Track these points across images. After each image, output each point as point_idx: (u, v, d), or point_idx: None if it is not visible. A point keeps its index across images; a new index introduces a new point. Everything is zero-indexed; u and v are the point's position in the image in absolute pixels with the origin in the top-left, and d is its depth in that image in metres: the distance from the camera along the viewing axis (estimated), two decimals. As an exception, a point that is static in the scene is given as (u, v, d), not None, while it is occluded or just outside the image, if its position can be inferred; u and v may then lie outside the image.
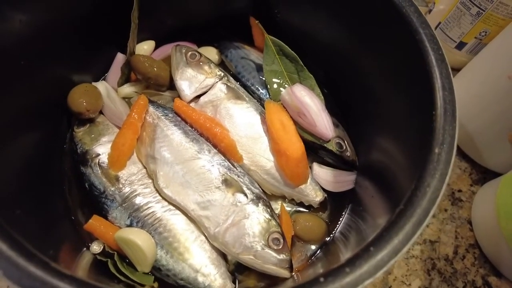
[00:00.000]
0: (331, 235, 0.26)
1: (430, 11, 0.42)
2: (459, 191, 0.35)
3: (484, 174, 0.36)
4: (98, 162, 0.24)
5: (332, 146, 0.27)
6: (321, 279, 0.13)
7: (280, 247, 0.23)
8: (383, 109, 0.24)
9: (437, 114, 0.17)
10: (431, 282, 0.31)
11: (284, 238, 0.23)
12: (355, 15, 0.25)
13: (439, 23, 0.40)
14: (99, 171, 0.24)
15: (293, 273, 0.23)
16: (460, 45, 0.39)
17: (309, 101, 0.26)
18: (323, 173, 0.27)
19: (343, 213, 0.27)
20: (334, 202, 0.28)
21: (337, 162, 0.28)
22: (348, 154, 0.28)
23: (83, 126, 0.26)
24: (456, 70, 0.40)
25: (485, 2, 0.35)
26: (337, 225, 0.27)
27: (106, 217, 0.24)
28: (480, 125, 0.34)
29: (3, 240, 0.13)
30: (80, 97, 0.25)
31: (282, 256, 0.22)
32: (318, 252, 0.26)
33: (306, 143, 0.27)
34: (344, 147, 0.27)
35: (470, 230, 0.33)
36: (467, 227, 0.33)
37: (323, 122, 0.26)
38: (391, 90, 0.23)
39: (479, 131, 0.35)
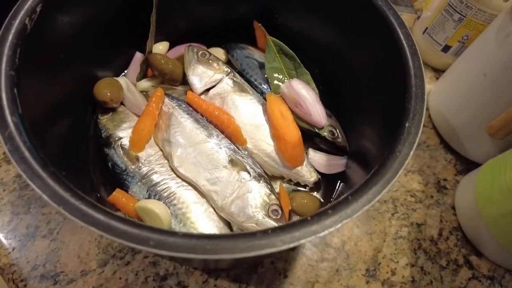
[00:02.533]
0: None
1: (418, 17, 0.46)
2: (445, 180, 0.38)
3: (467, 165, 0.39)
4: (120, 144, 0.28)
5: (325, 133, 0.31)
6: (308, 218, 0.16)
7: (279, 217, 0.26)
8: (368, 99, 0.28)
9: (410, 96, 0.21)
10: (417, 260, 0.34)
11: (282, 210, 0.26)
12: (344, 19, 0.29)
13: (426, 28, 0.44)
14: (121, 152, 0.28)
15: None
16: (446, 48, 0.43)
17: (305, 93, 0.30)
18: (317, 157, 0.31)
19: (335, 191, 0.30)
20: (327, 182, 0.31)
21: (329, 147, 0.31)
22: (340, 141, 0.31)
23: (106, 114, 0.30)
24: (442, 71, 0.44)
25: (466, 9, 0.38)
26: (329, 202, 0.30)
27: (127, 192, 0.27)
28: (463, 120, 0.38)
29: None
30: (105, 88, 0.29)
31: (280, 224, 0.25)
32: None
33: (303, 130, 0.30)
34: (336, 134, 0.31)
35: (453, 215, 0.36)
36: (451, 212, 0.37)
37: (317, 112, 0.30)
38: (375, 82, 0.27)
39: (461, 125, 0.38)
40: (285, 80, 0.32)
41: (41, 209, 0.32)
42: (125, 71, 0.34)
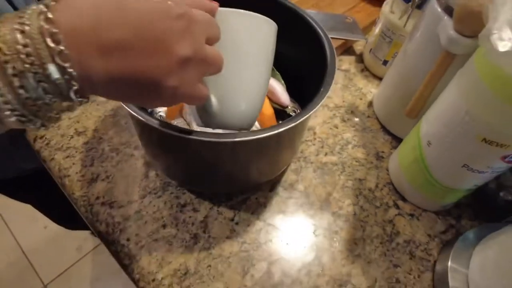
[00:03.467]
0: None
1: (367, 42, 0.63)
2: (382, 152, 0.53)
3: (400, 143, 0.54)
4: (160, 116, 0.44)
5: (289, 111, 0.47)
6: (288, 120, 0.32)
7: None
8: (310, 84, 0.44)
9: (326, 76, 0.37)
10: (358, 202, 0.48)
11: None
12: (297, 39, 0.45)
13: (371, 49, 0.61)
14: (160, 119, 0.44)
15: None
16: (385, 62, 0.60)
17: (276, 85, 0.46)
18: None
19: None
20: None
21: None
22: (301, 117, 0.47)
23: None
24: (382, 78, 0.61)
25: (392, 34, 0.56)
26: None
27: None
28: (392, 107, 0.53)
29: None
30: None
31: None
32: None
33: (275, 109, 0.46)
34: (297, 112, 0.47)
35: (387, 174, 0.51)
36: (385, 172, 0.51)
37: (284, 96, 0.46)
38: (312, 72, 0.43)
39: (391, 112, 0.54)
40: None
41: (101, 163, 0.48)
42: None
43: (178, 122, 0.44)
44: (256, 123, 0.45)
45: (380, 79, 0.62)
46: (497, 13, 0.26)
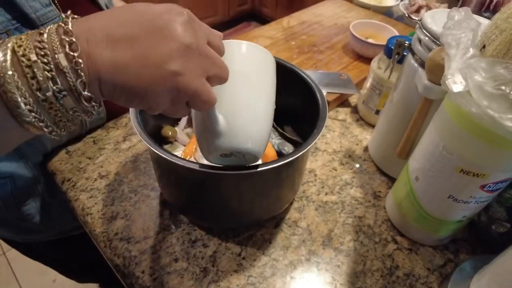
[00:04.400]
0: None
1: (360, 94, 0.71)
2: (379, 191, 0.57)
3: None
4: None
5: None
6: (285, 156, 0.37)
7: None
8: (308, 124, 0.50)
9: (319, 120, 0.43)
10: (358, 237, 0.51)
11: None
12: (293, 89, 0.53)
13: (364, 100, 0.68)
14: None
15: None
16: (376, 112, 0.66)
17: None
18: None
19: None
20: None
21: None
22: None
23: (167, 144, 0.53)
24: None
25: (381, 87, 0.63)
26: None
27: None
28: (385, 151, 0.58)
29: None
30: (168, 130, 0.53)
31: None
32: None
33: (277, 152, 0.52)
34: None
35: (384, 212, 0.54)
36: (383, 210, 0.54)
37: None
38: (307, 115, 0.49)
39: (385, 155, 0.59)
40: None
41: (120, 203, 0.52)
42: (178, 123, 0.58)
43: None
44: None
45: (374, 126, 0.68)
46: (450, 62, 0.33)
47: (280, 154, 0.52)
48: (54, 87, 0.21)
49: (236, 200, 0.44)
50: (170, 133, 0.52)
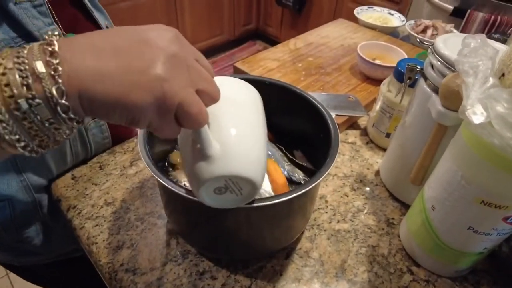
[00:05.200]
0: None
1: (369, 116, 0.70)
2: (393, 218, 0.55)
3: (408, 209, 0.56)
4: (184, 185, 0.49)
5: (301, 181, 0.51)
6: (291, 189, 0.35)
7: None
8: (319, 151, 0.49)
9: (331, 148, 0.42)
10: (372, 268, 0.49)
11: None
12: (302, 115, 0.52)
13: (374, 123, 0.67)
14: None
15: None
16: (387, 135, 0.65)
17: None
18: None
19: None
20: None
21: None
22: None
23: (174, 170, 0.52)
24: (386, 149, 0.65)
25: (391, 110, 0.62)
26: (306, 222, 0.48)
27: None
28: (397, 176, 0.57)
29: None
30: (176, 156, 0.52)
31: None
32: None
33: (287, 179, 0.51)
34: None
35: (399, 241, 0.52)
36: (397, 239, 0.52)
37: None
38: (319, 144, 0.48)
39: (398, 180, 0.57)
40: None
41: (126, 231, 0.51)
42: None
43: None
44: (270, 190, 0.49)
45: (384, 150, 0.67)
46: (468, 92, 0.32)
47: (290, 181, 0.51)
48: (28, 94, 0.20)
49: (245, 231, 0.42)
50: (178, 160, 0.52)
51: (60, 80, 0.21)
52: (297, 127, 0.55)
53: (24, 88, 0.20)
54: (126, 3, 1.98)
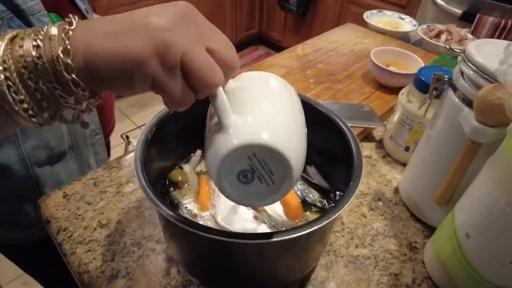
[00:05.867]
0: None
1: (386, 128, 0.65)
2: (415, 242, 0.50)
3: (433, 231, 0.51)
4: (186, 207, 0.44)
5: (317, 202, 0.46)
6: (300, 225, 0.30)
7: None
8: (338, 173, 0.44)
9: (353, 169, 0.37)
10: (396, 300, 0.44)
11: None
12: (322, 132, 0.47)
13: (391, 135, 0.62)
14: (186, 211, 0.43)
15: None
16: (406, 148, 0.60)
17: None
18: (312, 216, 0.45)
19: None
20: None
21: (320, 211, 0.46)
22: (326, 207, 0.46)
23: (176, 190, 0.47)
24: (406, 164, 0.60)
25: (412, 122, 0.57)
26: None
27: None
28: (419, 195, 0.52)
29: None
30: (177, 175, 0.47)
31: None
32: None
33: (301, 200, 0.46)
34: (324, 203, 0.46)
35: (423, 268, 0.47)
36: (421, 265, 0.47)
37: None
38: (339, 163, 0.43)
39: (420, 199, 0.52)
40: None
41: (122, 258, 0.46)
42: (188, 159, 0.52)
43: (205, 214, 0.44)
44: (282, 214, 0.44)
45: (403, 164, 0.62)
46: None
47: (305, 203, 0.46)
48: (36, 53, 0.22)
49: (256, 265, 0.37)
50: (179, 178, 0.47)
51: (67, 42, 0.22)
52: (310, 141, 0.50)
53: (35, 48, 0.22)
54: (126, 7, 1.95)
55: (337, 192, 0.45)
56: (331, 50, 0.89)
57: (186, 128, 0.47)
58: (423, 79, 0.54)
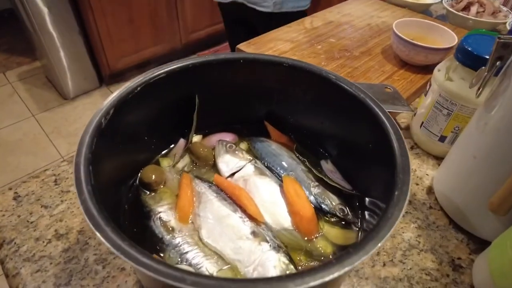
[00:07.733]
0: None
1: (415, 114, 0.53)
2: (459, 258, 0.39)
3: (481, 244, 0.40)
4: (159, 217, 0.33)
5: (336, 211, 0.35)
6: (316, 267, 0.19)
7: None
8: (369, 175, 0.33)
9: (398, 171, 0.26)
10: None
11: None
12: (346, 116, 0.36)
13: (422, 122, 0.50)
14: (159, 224, 0.32)
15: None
16: (442, 138, 0.48)
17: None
18: (333, 232, 0.34)
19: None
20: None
21: (341, 222, 0.35)
22: (349, 217, 0.35)
23: (149, 193, 0.36)
24: (442, 158, 0.49)
25: (451, 105, 0.45)
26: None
27: (160, 256, 0.31)
28: (465, 199, 0.41)
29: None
30: (151, 173, 0.36)
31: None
32: None
33: (315, 208, 0.34)
34: (346, 212, 0.35)
35: (473, 294, 0.37)
36: (470, 290, 0.37)
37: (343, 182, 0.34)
38: (373, 162, 0.32)
39: (465, 205, 0.41)
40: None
41: (80, 281, 0.35)
42: (165, 151, 0.41)
43: (186, 229, 0.33)
44: (290, 227, 0.33)
45: (436, 158, 0.50)
46: None
47: (320, 211, 0.35)
48: None
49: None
50: (153, 177, 0.35)
51: None
52: (328, 128, 0.39)
53: None
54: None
55: (367, 198, 0.34)
56: (345, 23, 0.76)
57: (165, 111, 0.36)
58: (470, 49, 0.42)
